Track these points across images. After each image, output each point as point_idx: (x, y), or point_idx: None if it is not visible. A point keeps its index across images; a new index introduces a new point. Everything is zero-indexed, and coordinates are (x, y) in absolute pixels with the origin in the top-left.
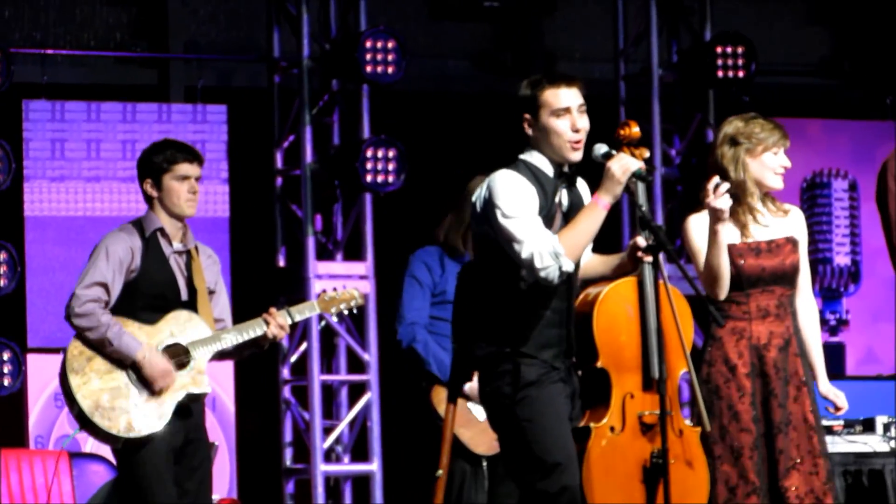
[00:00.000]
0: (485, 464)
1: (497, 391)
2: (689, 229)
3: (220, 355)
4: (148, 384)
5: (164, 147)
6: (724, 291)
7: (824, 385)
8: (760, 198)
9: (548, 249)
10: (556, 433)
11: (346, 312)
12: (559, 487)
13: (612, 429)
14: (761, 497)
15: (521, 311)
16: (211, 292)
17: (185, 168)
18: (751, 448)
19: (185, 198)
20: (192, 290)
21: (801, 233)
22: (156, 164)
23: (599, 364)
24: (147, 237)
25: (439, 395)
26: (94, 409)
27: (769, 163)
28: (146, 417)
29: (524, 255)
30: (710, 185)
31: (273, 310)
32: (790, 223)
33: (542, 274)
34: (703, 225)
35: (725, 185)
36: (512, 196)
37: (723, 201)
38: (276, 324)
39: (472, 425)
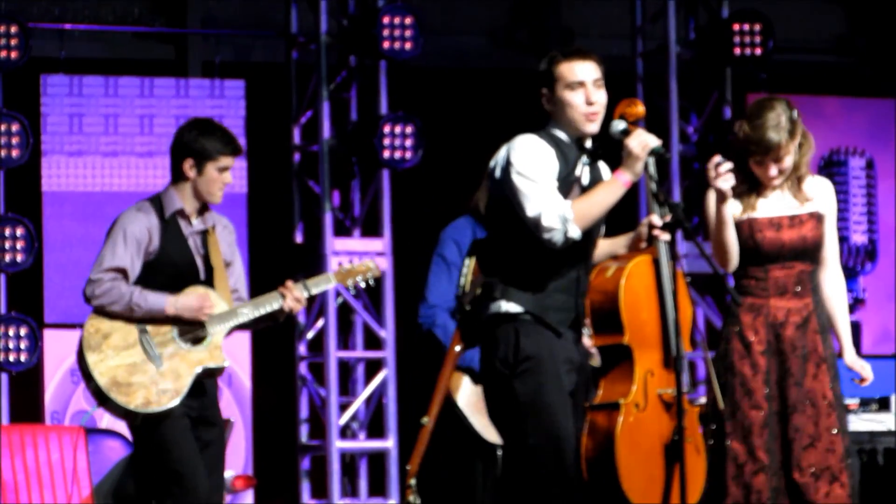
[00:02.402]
0: (499, 452)
1: (496, 359)
2: (709, 203)
3: (237, 325)
4: (184, 336)
5: (212, 131)
6: (732, 265)
7: (850, 356)
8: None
9: (557, 211)
10: (553, 408)
11: (362, 285)
12: (553, 466)
13: (637, 405)
14: (769, 475)
15: (531, 273)
16: (227, 264)
17: (229, 161)
18: (761, 426)
19: (220, 187)
20: (209, 269)
21: (827, 206)
22: (204, 148)
23: (625, 340)
24: (166, 218)
25: (456, 381)
26: (111, 385)
27: None
28: (164, 392)
29: (531, 213)
30: (712, 165)
31: (289, 283)
32: (817, 197)
33: (546, 235)
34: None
35: (727, 165)
36: (529, 156)
37: (725, 181)
38: (292, 297)
39: (487, 413)
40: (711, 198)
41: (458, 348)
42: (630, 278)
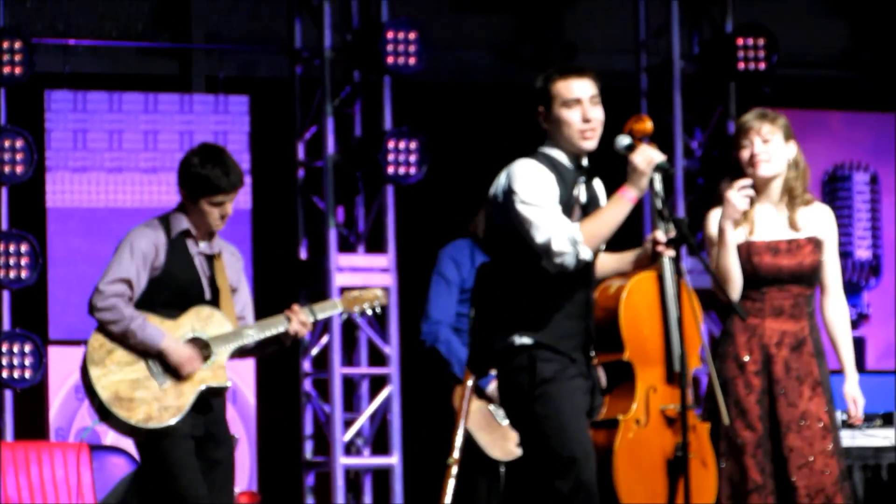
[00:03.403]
0: (502, 469)
1: (515, 387)
2: (709, 223)
3: (242, 352)
4: (173, 372)
5: (212, 164)
6: (735, 292)
7: (850, 385)
8: (783, 197)
9: (566, 235)
10: (572, 429)
11: (369, 312)
12: (574, 484)
13: (637, 422)
14: (764, 496)
15: (539, 302)
16: (233, 290)
17: (224, 197)
18: (754, 446)
19: (214, 219)
20: (215, 290)
21: (827, 233)
22: (199, 182)
23: (625, 357)
24: (173, 237)
25: (461, 399)
26: (114, 399)
27: None
28: (165, 409)
29: (540, 240)
30: (739, 184)
31: (295, 306)
32: (817, 223)
33: (558, 260)
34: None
35: (750, 191)
36: (530, 183)
37: (742, 199)
38: (298, 320)
39: (493, 429)
40: (712, 220)
41: (469, 382)
42: (631, 294)
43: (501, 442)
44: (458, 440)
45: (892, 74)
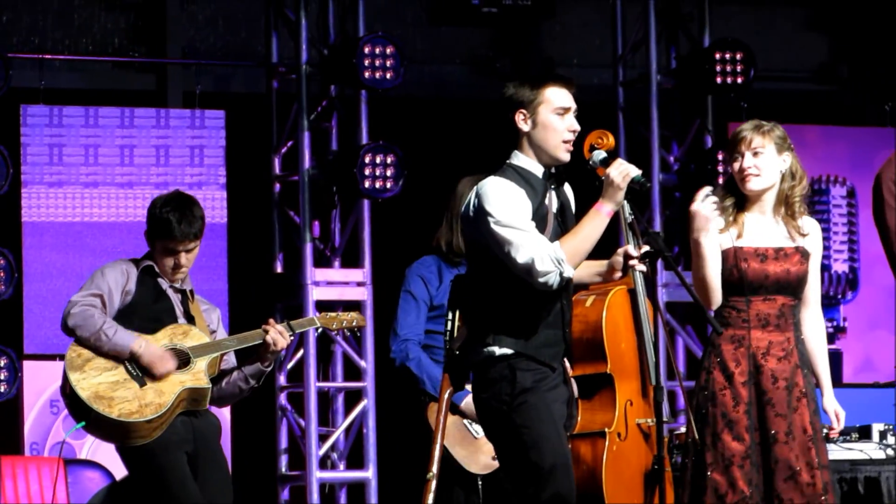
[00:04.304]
0: (480, 483)
1: (493, 397)
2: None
3: (221, 400)
4: (148, 373)
5: (171, 211)
6: (715, 303)
7: (828, 400)
8: (777, 207)
9: (549, 254)
10: (551, 439)
11: (347, 332)
12: (552, 494)
13: (619, 435)
14: None
15: (518, 312)
16: (212, 332)
17: (174, 244)
18: (742, 457)
19: (168, 267)
20: (190, 320)
21: (814, 246)
22: (155, 226)
23: (608, 370)
24: (140, 272)
25: (434, 413)
26: (94, 397)
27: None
28: (146, 405)
29: (522, 260)
30: (701, 194)
31: (271, 320)
32: (806, 235)
33: (542, 279)
34: (713, 226)
35: (713, 198)
36: (504, 203)
37: (708, 212)
38: (275, 330)
39: (468, 444)
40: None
41: (447, 394)
42: (610, 309)
43: (477, 455)
44: (437, 454)
45: (870, 88)
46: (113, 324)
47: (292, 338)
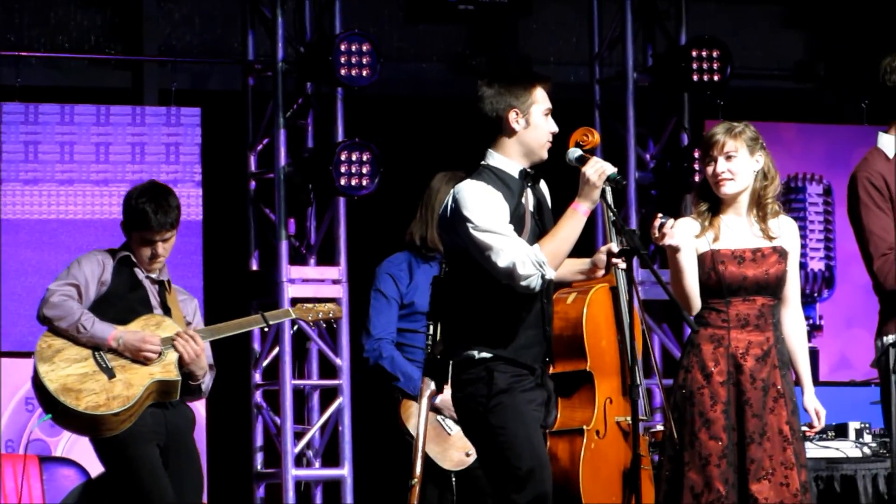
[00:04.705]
0: (454, 479)
1: (470, 397)
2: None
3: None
4: (123, 366)
5: (147, 201)
6: (695, 309)
7: (809, 398)
8: (751, 208)
9: (530, 258)
10: (528, 441)
11: (323, 324)
12: (529, 498)
13: (597, 433)
14: None
15: (497, 315)
16: (188, 323)
17: (151, 235)
18: (718, 456)
19: (144, 257)
20: (167, 311)
21: (791, 245)
22: (131, 216)
23: (588, 367)
24: (117, 262)
25: (407, 411)
26: (61, 389)
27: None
28: (114, 398)
29: (503, 264)
30: (655, 226)
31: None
32: (783, 234)
33: (525, 283)
34: (689, 230)
35: (669, 221)
36: (482, 207)
37: (672, 238)
38: (182, 342)
39: (441, 440)
40: (678, 226)
41: (426, 398)
42: (591, 306)
43: (451, 452)
44: (419, 459)
45: (847, 86)
46: (90, 315)
47: (267, 329)
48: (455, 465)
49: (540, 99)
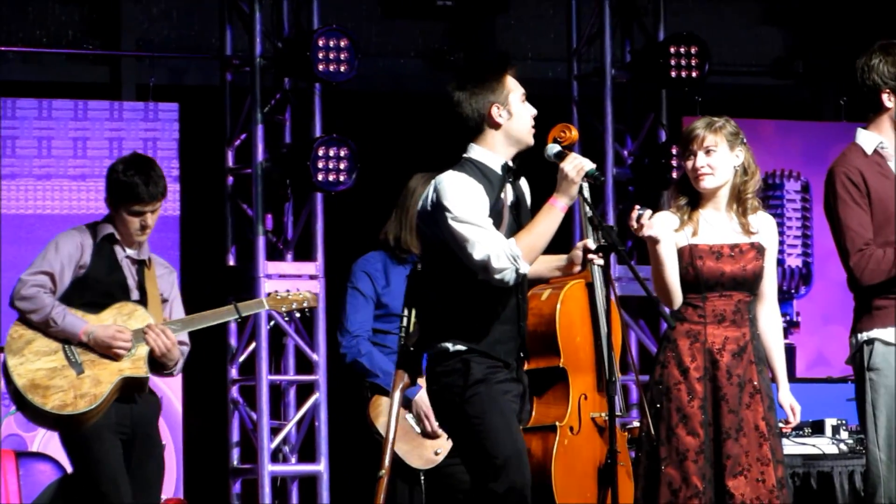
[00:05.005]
0: (422, 478)
1: (446, 389)
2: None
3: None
4: (93, 361)
5: (133, 172)
6: (676, 302)
7: (784, 394)
8: (731, 203)
9: (505, 251)
10: (504, 431)
11: (297, 314)
12: (507, 487)
13: (571, 429)
14: (704, 502)
15: (472, 309)
16: (164, 300)
17: (141, 207)
18: (696, 452)
19: (135, 229)
20: (143, 294)
21: (769, 241)
22: (118, 189)
23: (561, 363)
24: (98, 241)
25: (377, 409)
26: (29, 386)
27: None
28: (81, 397)
29: (478, 256)
30: (633, 217)
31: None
32: (761, 230)
33: (498, 276)
34: (668, 224)
35: (647, 212)
36: (461, 198)
37: (650, 228)
38: (153, 336)
39: (410, 439)
40: (658, 219)
41: (399, 390)
42: (565, 302)
43: (419, 450)
44: (388, 452)
45: (825, 83)
46: (61, 309)
47: (240, 320)
48: (424, 463)
49: (513, 86)
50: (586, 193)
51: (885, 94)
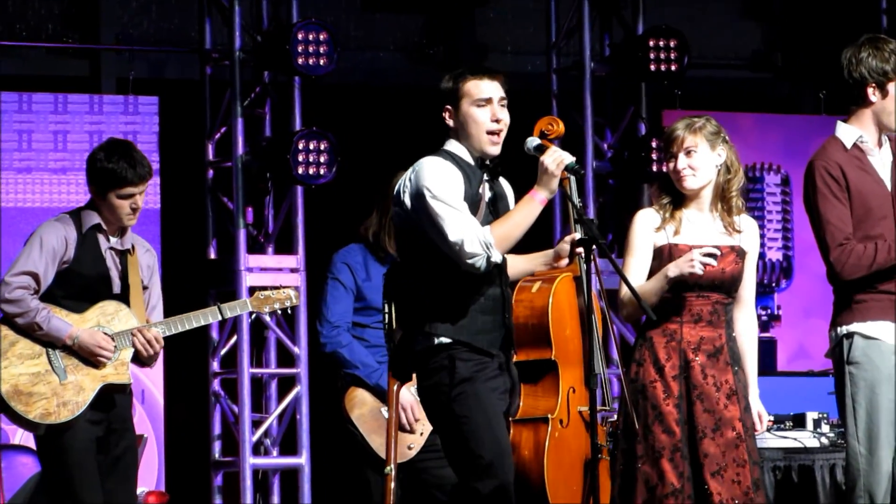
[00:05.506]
0: (393, 474)
1: (433, 387)
2: (635, 224)
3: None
4: (76, 367)
5: (118, 157)
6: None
7: (753, 401)
8: (715, 202)
9: (479, 237)
10: (490, 430)
11: (279, 312)
12: (492, 488)
13: (561, 422)
14: (681, 499)
15: (452, 299)
16: (144, 288)
17: (132, 189)
18: (671, 450)
19: (125, 213)
20: (126, 286)
21: (751, 245)
22: (105, 175)
23: (552, 356)
24: (84, 232)
25: (352, 401)
26: (13, 393)
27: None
28: (64, 405)
29: (452, 238)
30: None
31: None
32: (743, 233)
33: (469, 261)
34: (649, 223)
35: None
36: (441, 180)
37: (701, 266)
38: (142, 338)
39: (384, 432)
40: (639, 226)
41: (396, 386)
42: (556, 295)
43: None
44: (392, 448)
45: (804, 77)
46: (46, 312)
47: (221, 319)
48: (398, 457)
49: (470, 91)
50: (573, 187)
51: (870, 88)
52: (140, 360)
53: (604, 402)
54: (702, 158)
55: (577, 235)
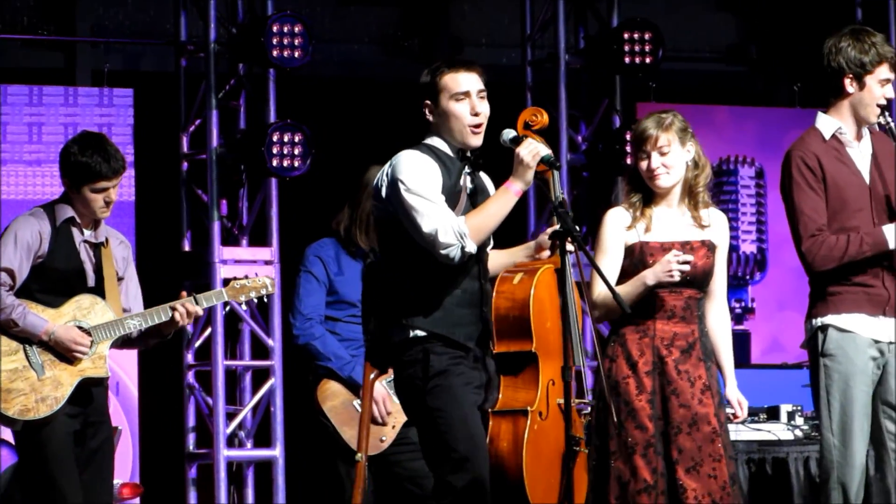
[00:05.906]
0: (364, 462)
1: (409, 379)
2: (605, 224)
3: (125, 343)
4: (52, 362)
5: (91, 151)
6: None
7: (731, 389)
8: (683, 198)
9: (453, 227)
10: (464, 424)
11: (255, 301)
12: (466, 482)
13: (540, 414)
14: (654, 495)
15: (429, 292)
16: (120, 279)
17: (105, 182)
18: (644, 446)
19: (99, 206)
20: (100, 279)
21: (720, 238)
22: (78, 169)
23: (533, 348)
24: (58, 225)
25: (324, 393)
26: None
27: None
28: (42, 401)
29: (426, 229)
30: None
31: (184, 293)
32: (712, 227)
33: (444, 251)
34: (619, 222)
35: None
36: (416, 172)
37: (679, 273)
38: (182, 310)
39: (356, 424)
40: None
41: (372, 376)
42: (538, 287)
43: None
44: (364, 436)
45: (779, 69)
46: (22, 308)
47: (203, 312)
48: (370, 449)
49: (447, 85)
50: (556, 180)
51: (847, 79)
52: (161, 333)
53: (581, 395)
54: (674, 156)
55: (559, 226)
